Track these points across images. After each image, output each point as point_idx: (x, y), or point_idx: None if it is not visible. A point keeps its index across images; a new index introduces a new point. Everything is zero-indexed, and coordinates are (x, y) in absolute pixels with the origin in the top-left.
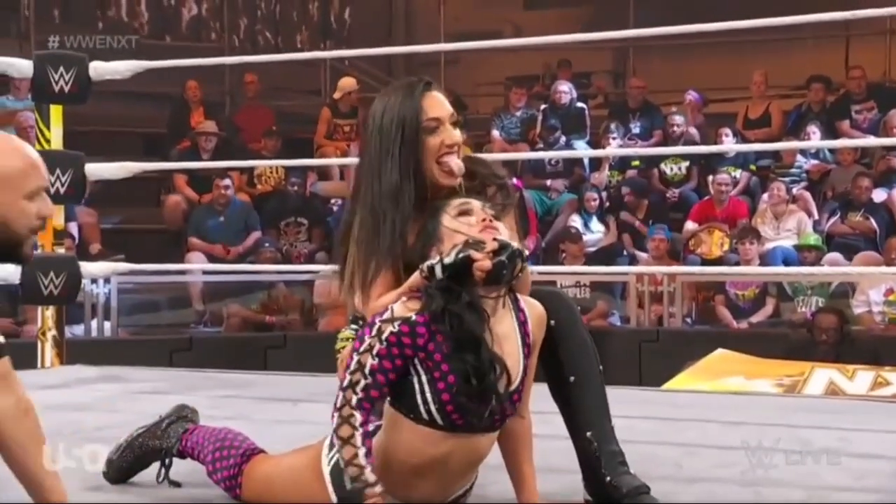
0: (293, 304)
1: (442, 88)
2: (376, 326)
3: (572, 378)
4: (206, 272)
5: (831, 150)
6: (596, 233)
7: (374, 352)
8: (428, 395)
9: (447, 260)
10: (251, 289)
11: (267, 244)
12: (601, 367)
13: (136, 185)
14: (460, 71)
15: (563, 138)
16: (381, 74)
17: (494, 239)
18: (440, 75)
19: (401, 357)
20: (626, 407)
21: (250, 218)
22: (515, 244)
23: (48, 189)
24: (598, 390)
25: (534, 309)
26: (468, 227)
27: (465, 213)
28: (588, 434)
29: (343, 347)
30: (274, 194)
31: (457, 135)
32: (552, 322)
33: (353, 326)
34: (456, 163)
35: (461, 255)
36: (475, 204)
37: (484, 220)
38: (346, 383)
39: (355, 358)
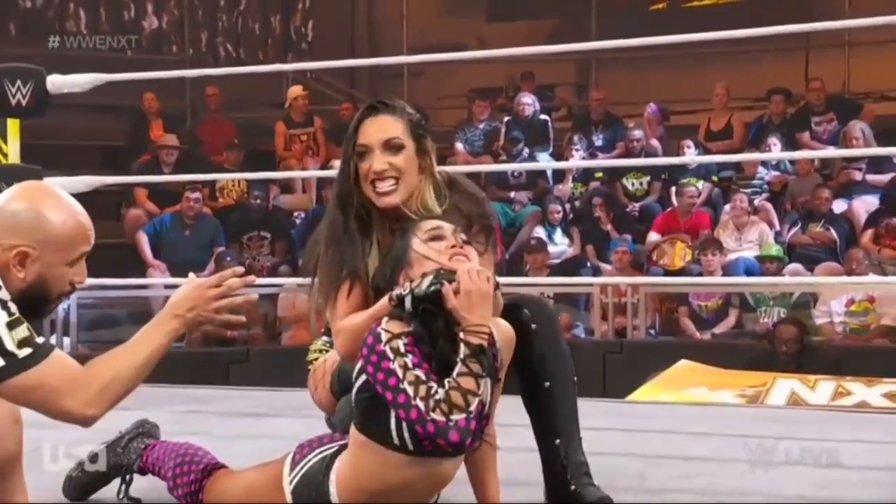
0: (256, 318)
1: (399, 106)
2: (389, 351)
3: (547, 384)
4: (167, 286)
5: (792, 162)
6: (560, 244)
7: (410, 363)
8: (403, 420)
9: (418, 291)
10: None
11: (229, 258)
12: (576, 378)
13: (96, 198)
14: (424, 83)
15: (527, 150)
16: (345, 87)
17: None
18: (403, 88)
19: (423, 358)
20: (591, 418)
21: (217, 234)
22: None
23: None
24: (571, 399)
25: (502, 332)
26: (437, 253)
27: (436, 237)
28: (556, 441)
29: (315, 359)
30: (236, 208)
31: (381, 163)
32: (533, 326)
33: (326, 338)
34: (384, 189)
35: (431, 289)
36: (446, 228)
37: (454, 246)
38: (426, 406)
39: (409, 389)
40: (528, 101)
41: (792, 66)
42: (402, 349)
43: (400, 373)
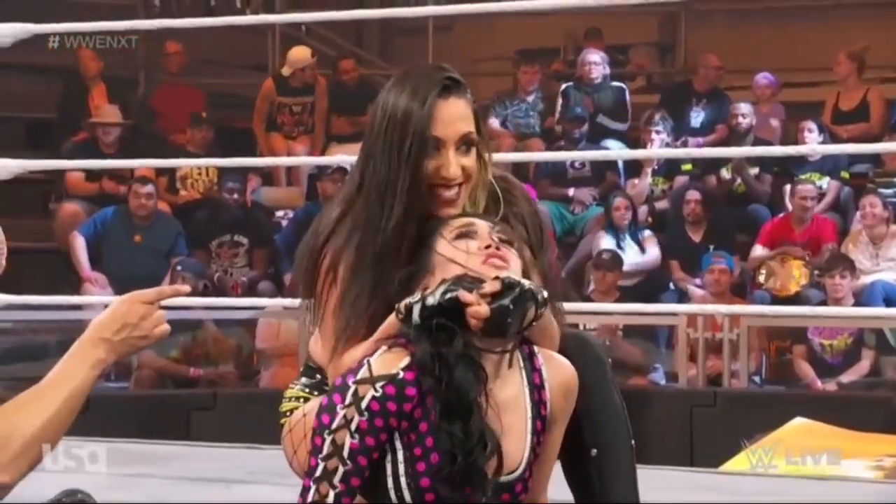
0: (226, 351)
1: (465, 89)
2: (351, 391)
3: (594, 451)
4: (108, 307)
5: None
6: (633, 259)
7: (354, 426)
8: (402, 478)
9: (430, 300)
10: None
11: (191, 271)
12: (633, 441)
13: (18, 189)
14: (454, 42)
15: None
16: (350, 46)
17: (497, 277)
18: (427, 48)
19: (386, 430)
20: (673, 493)
21: (176, 239)
22: (528, 283)
23: None
24: (627, 470)
25: (558, 371)
26: (466, 255)
27: (465, 235)
28: None
29: (290, 410)
30: (203, 203)
31: (456, 168)
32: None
33: (304, 380)
34: (448, 196)
35: (447, 296)
36: (481, 225)
37: (489, 246)
38: (318, 473)
39: (327, 438)
40: (596, 61)
41: None
42: (364, 406)
43: (334, 421)
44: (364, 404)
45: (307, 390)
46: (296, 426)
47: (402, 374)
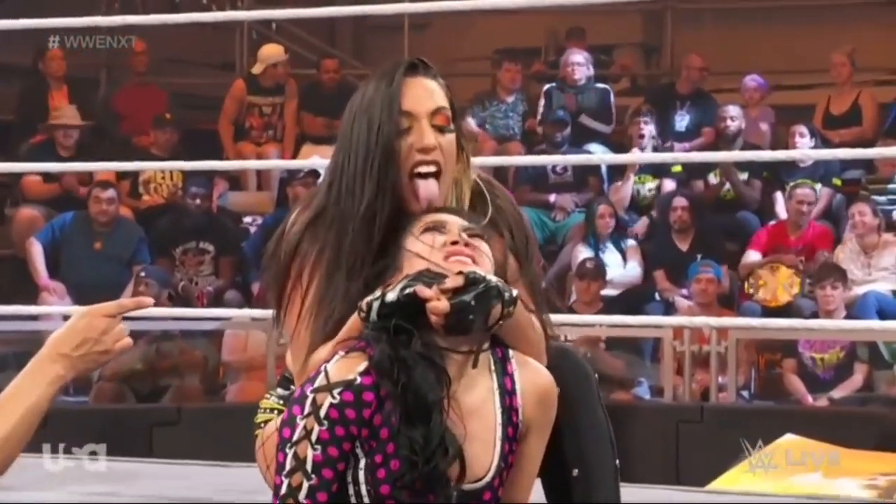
0: (191, 364)
1: (435, 73)
2: (309, 400)
3: (576, 471)
4: (67, 318)
5: None
6: (616, 268)
7: (315, 438)
8: (362, 486)
9: (389, 296)
10: (132, 343)
11: (154, 279)
12: (618, 461)
13: None
14: (430, 41)
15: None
16: (322, 44)
17: (460, 273)
18: (402, 46)
19: (347, 438)
20: None
21: (139, 246)
22: (495, 279)
23: None
24: (611, 491)
25: (533, 377)
26: (430, 249)
27: (432, 229)
28: None
29: (265, 422)
30: (167, 209)
31: (430, 137)
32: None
33: (280, 391)
34: (426, 186)
35: (406, 292)
36: (451, 221)
37: (455, 242)
38: (283, 490)
39: (289, 452)
40: (580, 61)
41: None
42: (323, 415)
43: (295, 433)
44: (322, 413)
45: (282, 402)
46: (268, 440)
47: (359, 380)
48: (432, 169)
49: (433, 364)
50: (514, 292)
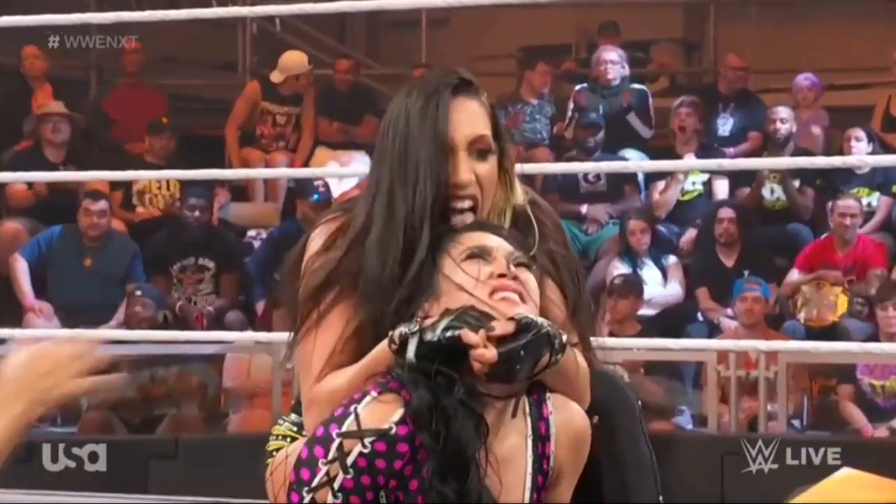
0: (189, 392)
1: (479, 91)
2: (335, 444)
3: None
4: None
5: None
6: (654, 286)
7: (338, 485)
8: None
9: (429, 335)
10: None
11: (149, 298)
12: (661, 498)
13: None
14: (450, 38)
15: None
16: (331, 42)
17: (511, 318)
18: (420, 44)
19: (373, 488)
20: None
21: (132, 263)
22: (546, 324)
23: None
24: None
25: (569, 422)
26: (473, 283)
27: (476, 256)
28: None
29: (277, 449)
30: (163, 222)
31: (466, 173)
32: (594, 419)
33: (294, 417)
34: (462, 221)
35: (448, 335)
36: (497, 248)
37: (503, 275)
38: None
39: (306, 497)
40: (613, 59)
41: None
42: (350, 463)
43: (315, 478)
44: (350, 461)
45: (295, 429)
46: (277, 468)
47: (394, 430)
48: (468, 204)
49: (472, 413)
50: (564, 338)
